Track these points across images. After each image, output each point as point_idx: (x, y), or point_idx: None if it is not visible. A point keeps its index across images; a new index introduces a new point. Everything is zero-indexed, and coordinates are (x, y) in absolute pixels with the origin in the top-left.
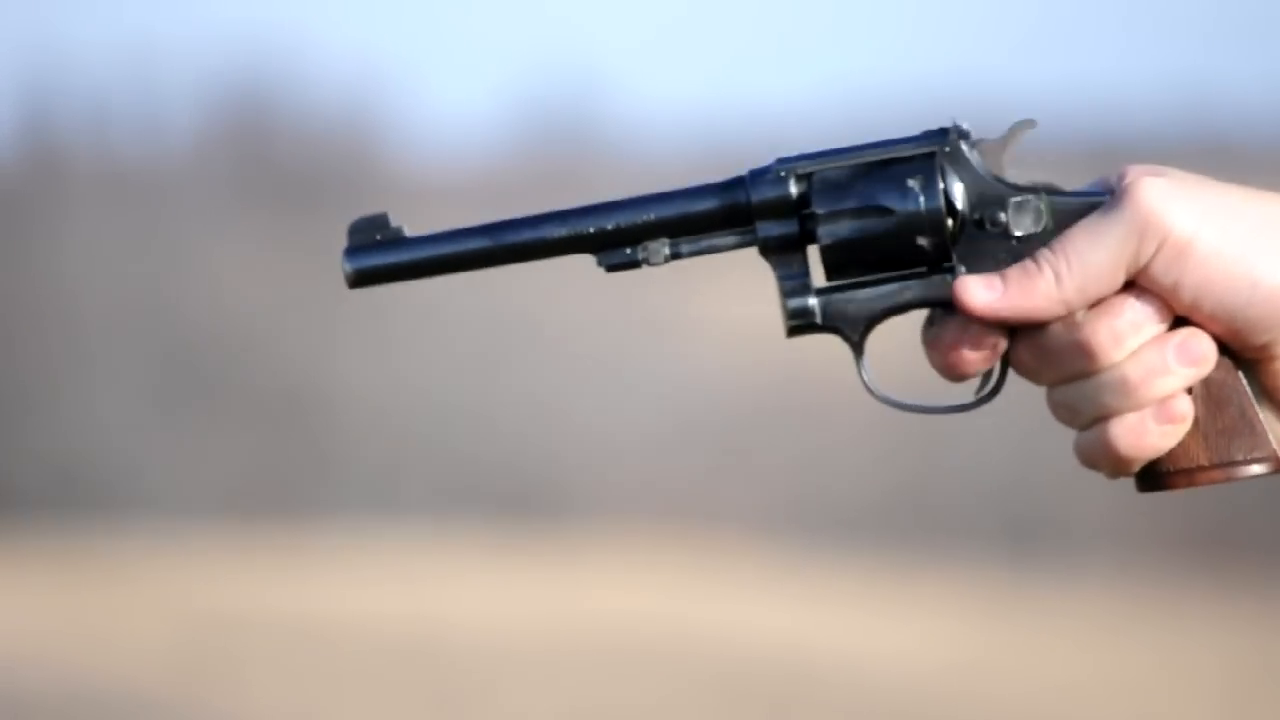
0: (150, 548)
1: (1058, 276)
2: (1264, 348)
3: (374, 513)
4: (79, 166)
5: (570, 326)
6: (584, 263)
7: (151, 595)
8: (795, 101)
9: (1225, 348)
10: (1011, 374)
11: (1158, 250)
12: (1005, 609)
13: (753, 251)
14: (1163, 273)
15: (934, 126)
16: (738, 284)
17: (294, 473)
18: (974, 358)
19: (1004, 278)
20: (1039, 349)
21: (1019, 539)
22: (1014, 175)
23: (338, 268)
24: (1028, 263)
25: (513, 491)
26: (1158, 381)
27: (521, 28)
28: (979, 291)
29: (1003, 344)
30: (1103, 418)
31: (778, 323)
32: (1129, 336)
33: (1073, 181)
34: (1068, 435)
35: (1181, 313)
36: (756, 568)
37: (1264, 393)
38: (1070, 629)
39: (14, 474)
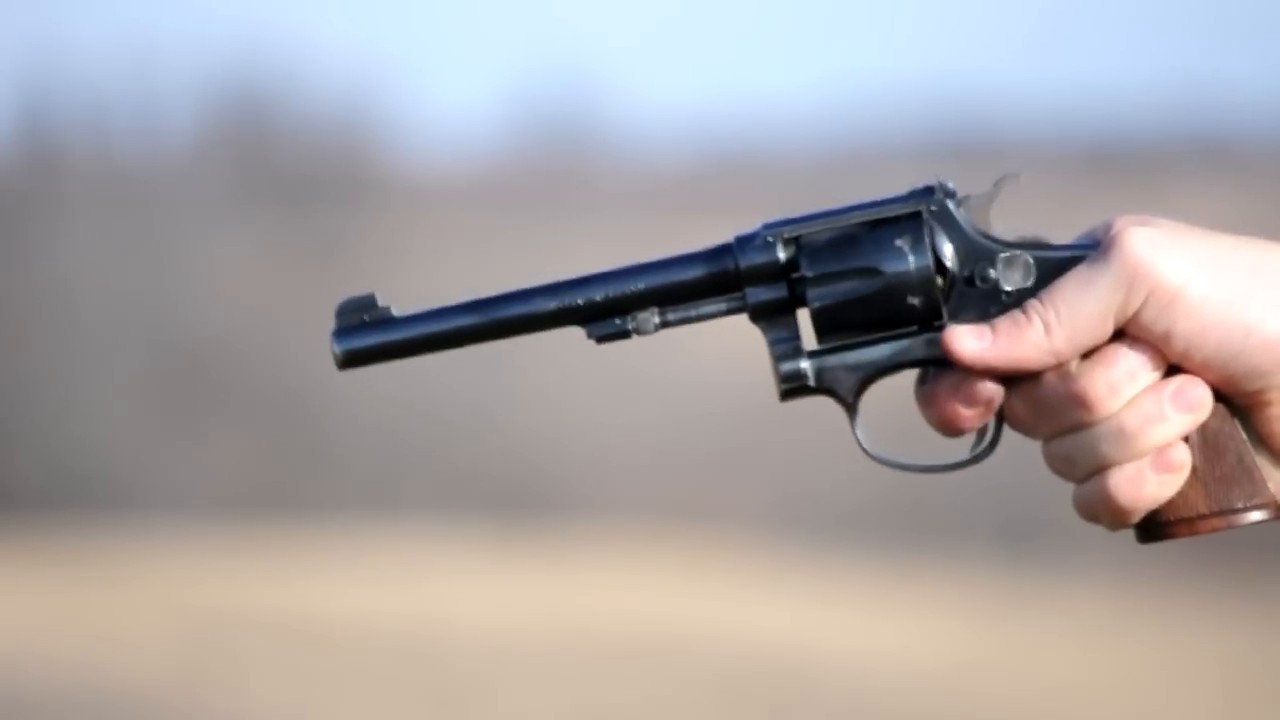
0: (150, 547)
1: (1046, 326)
2: (1258, 394)
3: (373, 512)
4: (78, 166)
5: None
6: (584, 262)
7: (151, 595)
8: (795, 101)
9: (1219, 395)
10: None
11: (1146, 299)
12: (1004, 608)
13: None
14: (1152, 321)
15: (920, 185)
16: None
17: (293, 472)
18: (968, 414)
19: (994, 328)
20: (1033, 402)
21: (1018, 538)
22: (1001, 229)
23: (336, 266)
24: (1016, 313)
25: (512, 491)
26: (1155, 429)
27: (521, 28)
28: (968, 341)
29: (997, 399)
30: (1100, 469)
31: None
32: (1124, 385)
33: (1074, 188)
34: None
35: (1175, 361)
36: (756, 567)
37: (1259, 439)
38: (1069, 628)
39: (14, 474)
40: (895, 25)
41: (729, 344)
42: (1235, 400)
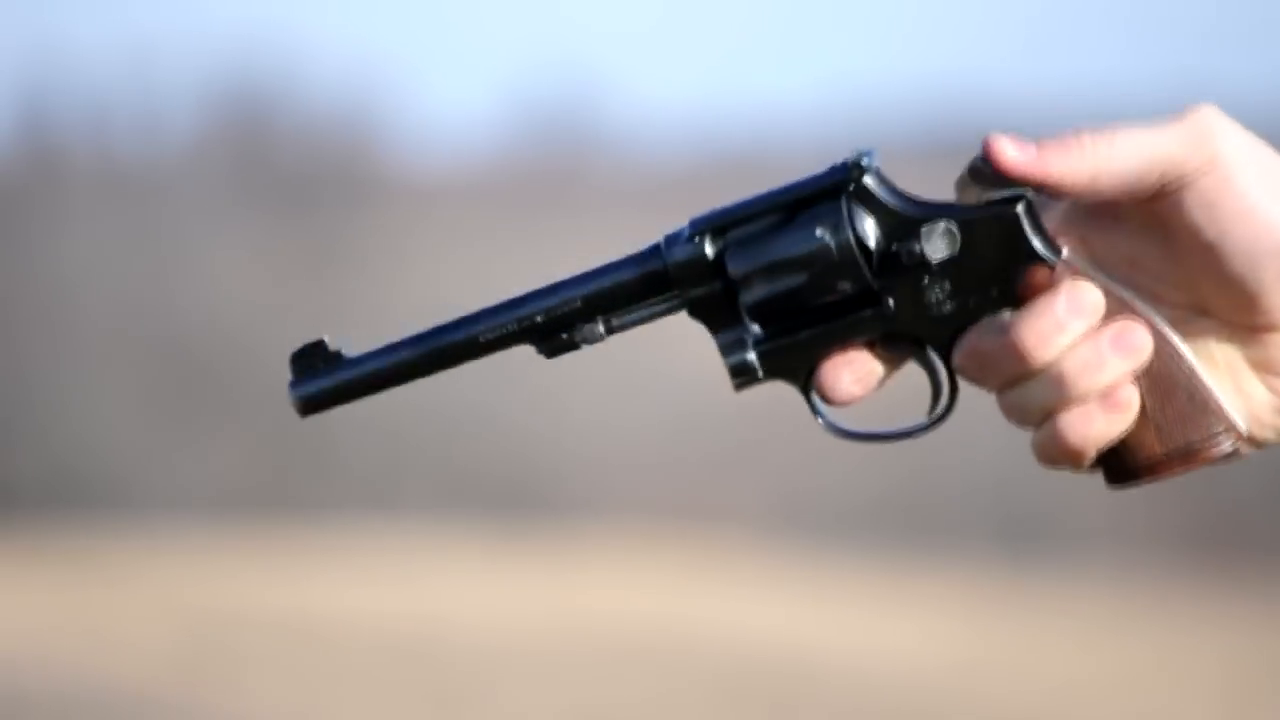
0: (150, 547)
1: (1095, 149)
2: (1270, 312)
3: (373, 511)
4: (78, 166)
5: None
6: (584, 260)
7: (151, 594)
8: (794, 101)
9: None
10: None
11: (1204, 167)
12: (1004, 608)
13: None
14: (1203, 193)
15: (839, 161)
16: None
17: (293, 472)
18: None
19: (1039, 144)
20: (975, 354)
21: (1018, 538)
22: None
23: (336, 266)
24: (1067, 132)
25: (512, 490)
26: (1094, 375)
27: (520, 27)
28: (1010, 149)
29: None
30: (1048, 414)
31: None
32: (1055, 335)
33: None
34: None
35: (1193, 264)
36: (756, 567)
37: (1259, 366)
38: (1069, 627)
39: (14, 474)
40: (894, 25)
41: None
42: (1243, 320)
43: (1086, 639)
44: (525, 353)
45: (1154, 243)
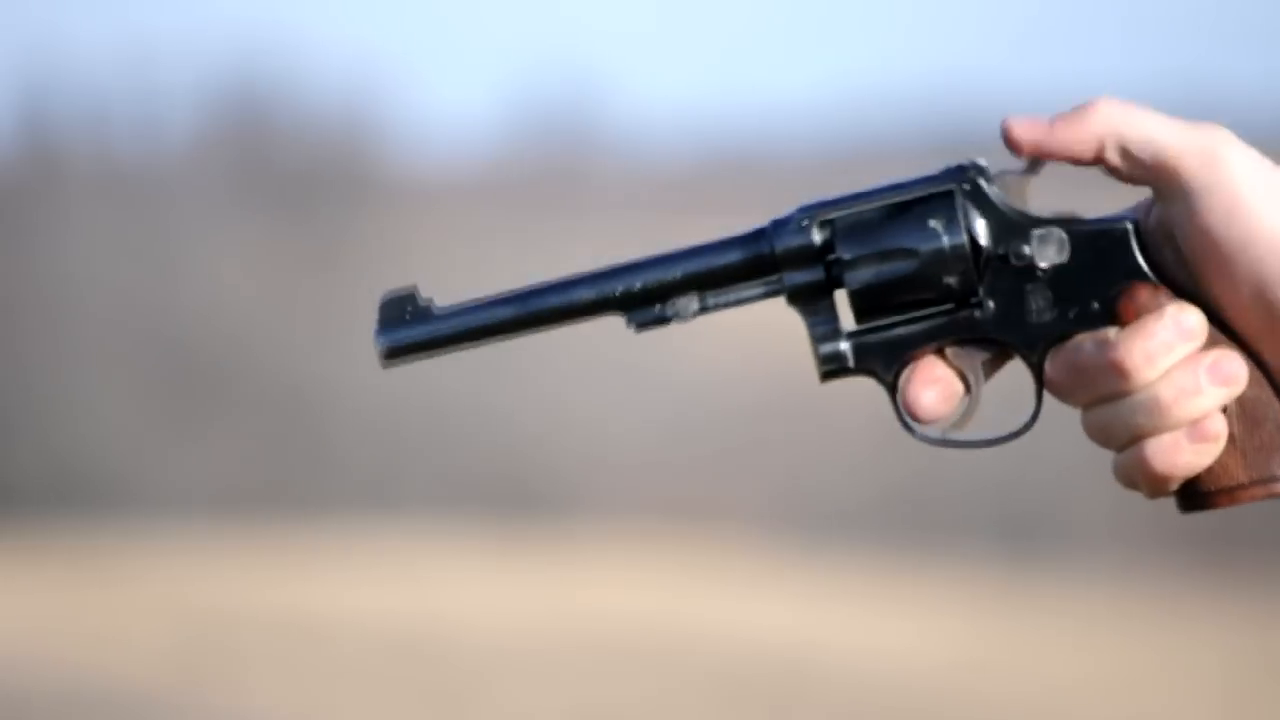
0: (150, 546)
1: (1105, 121)
2: None
3: (373, 511)
4: (78, 166)
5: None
6: (583, 262)
7: (151, 593)
8: (794, 100)
9: (1259, 364)
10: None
11: (1209, 187)
12: (1005, 607)
13: None
14: (1209, 210)
15: (953, 164)
16: None
17: (292, 471)
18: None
19: (1052, 118)
20: (1071, 368)
21: (1018, 537)
22: (1037, 206)
23: (336, 266)
24: (1082, 103)
25: (512, 489)
26: (1190, 402)
27: (520, 27)
28: (1023, 125)
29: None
30: (1136, 438)
31: (779, 322)
32: (1161, 357)
33: (1075, 186)
34: (1068, 434)
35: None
36: (756, 566)
37: None
38: (1070, 627)
39: (14, 473)
40: (894, 25)
41: (729, 343)
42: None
43: (1086, 638)
44: (526, 352)
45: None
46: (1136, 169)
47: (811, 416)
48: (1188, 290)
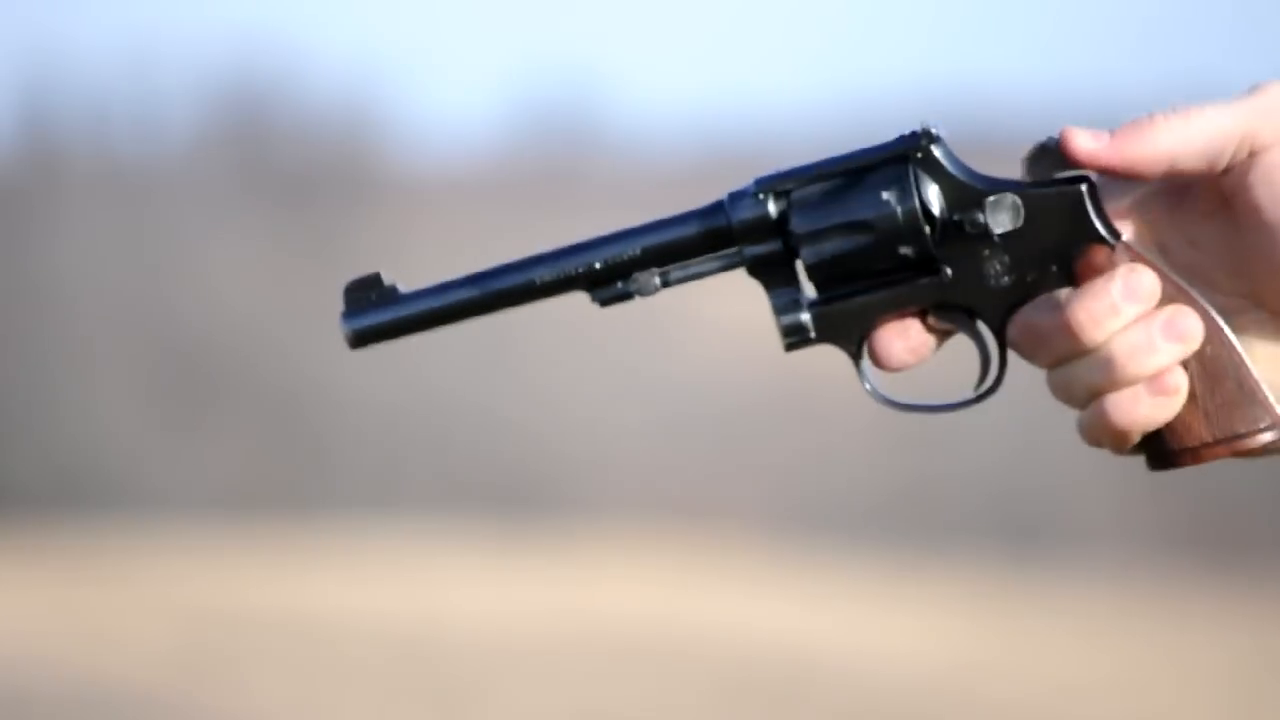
0: (150, 546)
1: (1169, 130)
2: None
3: (374, 510)
4: (78, 165)
5: (570, 323)
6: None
7: (152, 594)
8: (794, 100)
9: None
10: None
11: (1272, 145)
12: (1007, 607)
13: None
14: (1269, 169)
15: (906, 131)
16: (738, 282)
17: (293, 470)
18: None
19: (1113, 131)
20: (1028, 330)
21: (1021, 537)
22: (998, 170)
23: (336, 265)
24: (1140, 117)
25: (513, 488)
26: (1145, 359)
27: (520, 27)
28: (1085, 139)
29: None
30: (1096, 395)
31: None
32: (1107, 318)
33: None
34: (1070, 433)
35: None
36: (757, 566)
37: None
38: (1073, 627)
39: (14, 473)
40: (895, 25)
41: (729, 343)
42: None
43: (1089, 638)
44: (526, 352)
45: (1216, 224)
46: (1212, 165)
47: (812, 416)
48: (1171, 241)
